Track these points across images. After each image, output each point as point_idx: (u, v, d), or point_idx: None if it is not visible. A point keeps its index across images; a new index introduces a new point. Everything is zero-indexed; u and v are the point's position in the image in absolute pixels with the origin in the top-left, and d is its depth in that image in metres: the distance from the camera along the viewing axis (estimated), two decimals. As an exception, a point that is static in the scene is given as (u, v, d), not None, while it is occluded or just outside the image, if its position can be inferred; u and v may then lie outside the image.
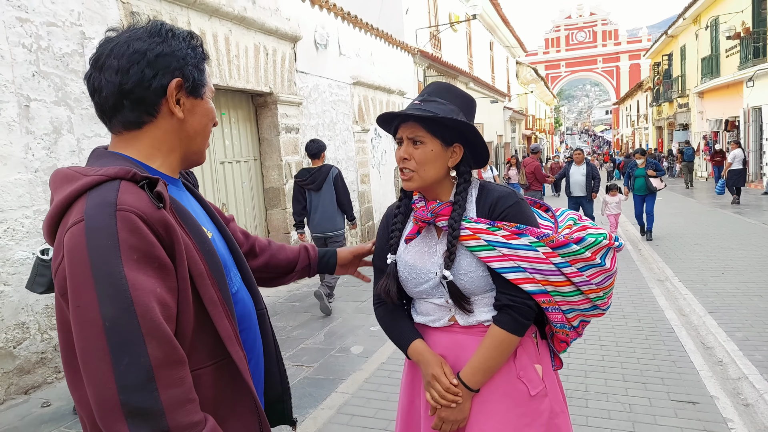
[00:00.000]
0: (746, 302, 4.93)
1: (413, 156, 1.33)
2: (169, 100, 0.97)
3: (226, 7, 5.39)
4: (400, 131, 1.37)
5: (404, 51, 10.98)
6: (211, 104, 1.07)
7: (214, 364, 0.95)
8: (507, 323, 1.32)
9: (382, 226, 1.53)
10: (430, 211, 1.37)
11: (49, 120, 3.73)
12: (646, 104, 33.10)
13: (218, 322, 0.93)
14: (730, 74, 16.42)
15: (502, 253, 1.30)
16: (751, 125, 15.30)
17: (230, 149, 6.18)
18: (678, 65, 23.68)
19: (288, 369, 3.92)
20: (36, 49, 3.65)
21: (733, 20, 15.95)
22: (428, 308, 1.43)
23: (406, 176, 1.37)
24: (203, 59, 1.05)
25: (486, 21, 20.59)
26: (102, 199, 0.84)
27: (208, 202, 1.17)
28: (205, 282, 0.92)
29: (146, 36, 0.97)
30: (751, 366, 3.53)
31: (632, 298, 5.33)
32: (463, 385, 1.34)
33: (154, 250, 0.85)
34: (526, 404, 1.36)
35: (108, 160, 0.95)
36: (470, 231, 1.32)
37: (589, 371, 3.62)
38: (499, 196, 1.37)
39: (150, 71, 0.95)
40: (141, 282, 0.81)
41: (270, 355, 1.15)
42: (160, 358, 0.81)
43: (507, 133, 24.91)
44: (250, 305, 1.12)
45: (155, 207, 0.87)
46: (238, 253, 1.16)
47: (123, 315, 0.79)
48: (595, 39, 51.47)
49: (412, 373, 1.51)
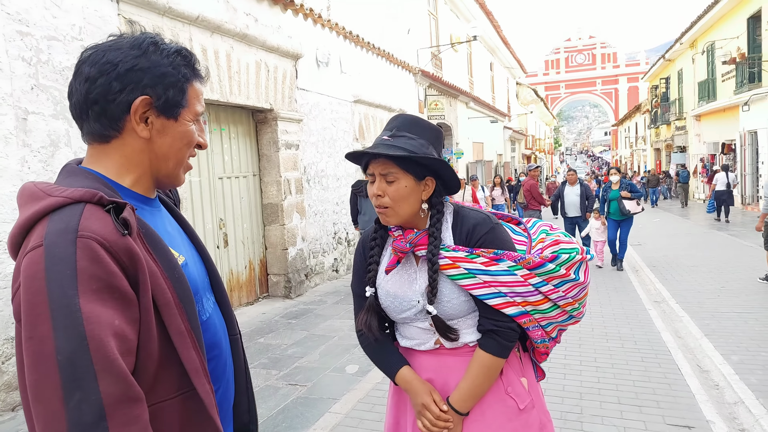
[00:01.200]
0: (742, 325, 4.91)
1: (387, 193, 1.33)
2: (132, 118, 0.93)
3: (228, 25, 5.47)
4: (372, 167, 1.35)
5: (405, 70, 11.10)
6: (189, 127, 1.00)
7: (180, 395, 0.91)
8: (492, 347, 1.35)
9: (358, 254, 1.53)
10: (408, 242, 1.37)
11: (46, 133, 3.75)
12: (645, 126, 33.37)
13: (184, 353, 0.89)
14: (726, 98, 16.59)
15: (483, 280, 1.32)
16: (747, 149, 15.41)
17: (229, 164, 6.21)
18: (675, 88, 23.94)
19: (281, 388, 3.89)
20: (36, 62, 3.68)
21: (728, 45, 16.17)
22: (413, 332, 1.44)
23: (383, 213, 1.36)
24: (187, 79, 0.98)
25: (487, 42, 20.86)
26: (64, 225, 0.80)
27: (186, 221, 1.14)
28: (171, 311, 0.89)
29: (126, 47, 0.93)
30: (747, 390, 3.50)
31: (629, 320, 5.30)
32: (453, 410, 1.35)
33: (114, 280, 0.81)
34: (517, 418, 1.38)
35: (77, 178, 0.91)
36: (450, 260, 1.33)
37: (584, 393, 3.58)
38: (474, 224, 1.37)
39: (117, 84, 0.91)
40: (97, 314, 0.77)
41: (240, 382, 1.12)
42: (114, 396, 0.77)
43: (507, 153, 25.06)
44: (221, 332, 1.08)
45: (120, 234, 0.83)
46: (215, 276, 1.13)
47: (76, 349, 0.75)
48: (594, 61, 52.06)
49: (398, 394, 1.51)
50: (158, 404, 0.88)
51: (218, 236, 5.99)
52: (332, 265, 8.04)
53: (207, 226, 5.81)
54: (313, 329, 5.36)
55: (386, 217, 1.36)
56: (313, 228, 7.49)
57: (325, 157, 7.87)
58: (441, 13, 14.93)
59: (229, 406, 1.09)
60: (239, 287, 6.35)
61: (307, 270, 7.22)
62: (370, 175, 1.36)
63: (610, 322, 5.26)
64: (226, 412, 1.08)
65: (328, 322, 5.59)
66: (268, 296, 6.84)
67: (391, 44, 10.39)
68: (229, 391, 1.09)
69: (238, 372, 1.11)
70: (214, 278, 1.13)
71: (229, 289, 6.16)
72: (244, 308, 6.26)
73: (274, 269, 6.82)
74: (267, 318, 5.85)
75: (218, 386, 1.04)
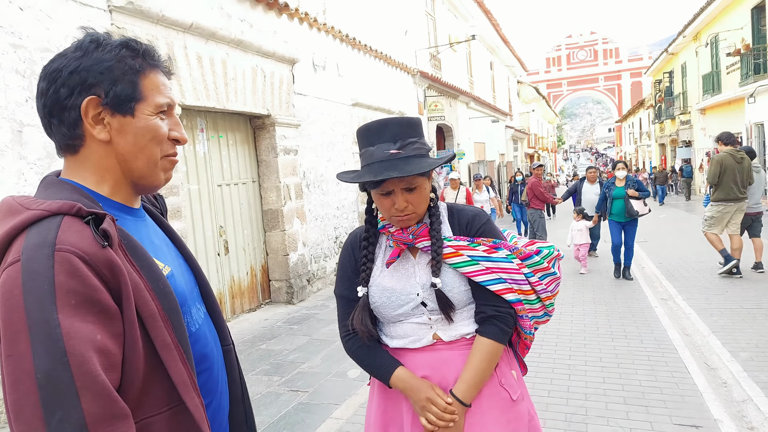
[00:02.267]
0: (750, 321, 4.82)
1: (410, 202, 1.35)
2: (84, 121, 0.90)
3: (222, 31, 5.46)
4: (390, 185, 1.31)
5: (404, 71, 11.07)
6: (152, 121, 0.94)
7: (169, 410, 0.89)
8: (494, 333, 1.38)
9: (345, 257, 1.50)
10: (411, 233, 1.39)
11: (42, 145, 3.75)
12: (649, 121, 33.16)
13: (171, 366, 0.87)
14: (731, 91, 16.44)
15: (485, 266, 1.37)
16: (753, 141, 15.25)
17: (228, 171, 6.20)
18: (679, 82, 23.76)
19: (283, 394, 3.86)
20: (30, 74, 3.68)
21: (732, 37, 16.04)
22: (406, 330, 1.42)
23: (407, 219, 1.37)
24: (136, 71, 0.93)
25: (486, 41, 20.81)
26: (41, 239, 0.78)
27: (173, 230, 1.11)
28: (157, 324, 0.86)
29: (71, 51, 0.91)
30: (756, 388, 3.43)
31: (635, 318, 5.23)
32: (458, 402, 1.34)
33: (95, 293, 0.78)
34: (510, 410, 1.41)
35: (56, 190, 0.89)
36: (453, 248, 1.38)
37: (589, 394, 3.52)
38: (473, 215, 1.46)
39: (65, 90, 0.89)
40: (77, 330, 0.75)
41: (235, 394, 1.09)
42: (96, 413, 0.74)
43: (509, 152, 24.96)
44: (213, 343, 1.05)
45: (100, 246, 0.81)
46: (205, 285, 1.10)
47: (56, 366, 0.73)
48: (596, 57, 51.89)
49: (385, 400, 1.47)
50: (146, 419, 0.86)
51: (219, 243, 5.97)
52: (334, 270, 8.01)
53: (207, 233, 5.80)
54: (315, 334, 5.33)
55: (410, 221, 1.39)
56: (314, 233, 7.47)
57: (325, 161, 7.85)
58: (438, 13, 14.89)
59: (224, 418, 1.06)
60: (241, 294, 6.33)
61: (309, 275, 7.19)
62: (387, 193, 1.33)
63: (616, 320, 5.19)
64: (221, 425, 1.05)
65: (330, 327, 5.56)
66: (271, 302, 6.81)
67: (389, 46, 10.36)
68: (224, 403, 1.06)
69: (233, 383, 1.09)
70: (204, 288, 1.10)
71: (231, 296, 6.14)
72: (246, 315, 6.24)
73: (275, 275, 6.80)
74: (269, 324, 5.83)
75: (211, 399, 1.01)
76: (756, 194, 6.87)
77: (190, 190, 5.55)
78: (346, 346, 1.48)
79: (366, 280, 1.43)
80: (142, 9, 4.45)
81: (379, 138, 1.34)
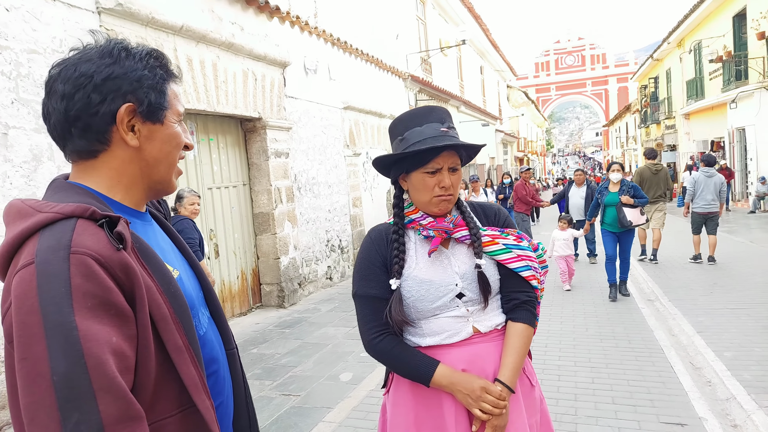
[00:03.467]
0: (735, 321, 4.92)
1: (454, 182, 1.42)
2: (119, 128, 0.91)
3: (213, 34, 5.46)
4: (441, 161, 1.40)
5: (395, 75, 11.12)
6: (176, 129, 0.99)
7: (180, 412, 0.89)
8: (527, 318, 1.45)
9: (371, 252, 1.46)
10: (450, 222, 1.44)
11: (28, 148, 3.71)
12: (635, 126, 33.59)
13: (183, 369, 0.88)
14: (713, 96, 16.73)
15: (517, 254, 1.45)
16: (735, 145, 15.53)
17: (219, 174, 6.18)
18: (664, 88, 24.13)
19: (275, 398, 3.86)
20: (16, 76, 3.65)
21: (715, 44, 16.33)
22: (442, 325, 1.40)
23: (448, 200, 1.43)
24: (164, 80, 0.96)
25: (476, 46, 20.97)
26: (55, 241, 0.78)
27: (177, 235, 1.13)
28: (169, 327, 0.87)
29: (96, 57, 0.90)
30: (739, 386, 3.50)
31: (622, 318, 5.30)
32: (506, 389, 1.37)
33: (110, 296, 0.79)
34: (529, 395, 1.48)
35: (66, 193, 0.89)
36: (489, 237, 1.46)
37: (579, 394, 3.57)
38: (497, 209, 1.58)
39: (97, 96, 0.88)
40: (94, 332, 0.75)
41: (239, 397, 1.10)
42: (113, 415, 0.75)
43: (499, 155, 25.13)
44: (218, 346, 1.06)
45: (114, 248, 0.81)
46: (209, 290, 1.11)
47: (73, 369, 0.73)
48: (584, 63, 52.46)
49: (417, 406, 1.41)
50: (159, 422, 0.86)
51: (209, 247, 5.95)
52: (326, 273, 8.01)
53: (197, 236, 5.77)
54: (307, 338, 5.33)
55: (449, 204, 1.44)
56: (305, 236, 7.46)
57: (316, 164, 7.86)
58: (429, 17, 14.99)
59: (229, 421, 1.07)
60: (232, 298, 6.31)
61: (300, 278, 7.18)
62: (435, 169, 1.40)
63: (604, 321, 5.26)
64: (227, 428, 1.06)
65: (322, 330, 5.56)
66: (262, 306, 6.79)
67: (380, 50, 10.41)
68: (229, 407, 1.07)
69: (236, 386, 1.09)
70: (208, 293, 1.11)
71: (222, 299, 6.12)
72: (237, 319, 6.21)
73: (266, 278, 6.79)
74: (260, 328, 5.81)
75: (218, 402, 1.02)
76: (707, 196, 7.46)
77: (180, 193, 5.52)
78: (377, 349, 1.41)
79: (399, 272, 1.41)
80: (131, 11, 4.44)
81: (427, 119, 1.43)
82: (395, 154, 1.44)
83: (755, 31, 13.66)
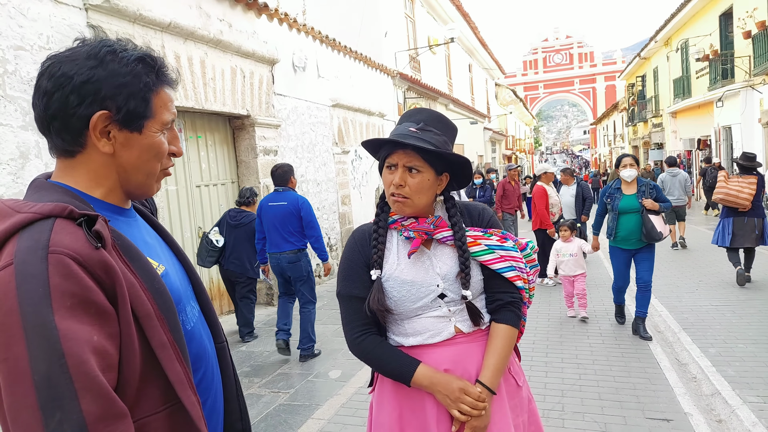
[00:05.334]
0: (719, 318, 4.99)
1: (408, 183, 1.38)
2: (91, 134, 0.89)
3: (201, 31, 5.41)
4: (396, 157, 1.38)
5: (384, 73, 11.11)
6: (156, 138, 0.96)
7: (166, 409, 0.89)
8: (511, 319, 1.44)
9: (354, 252, 1.46)
10: (432, 223, 1.42)
11: (15, 145, 3.66)
12: (622, 124, 33.91)
13: (168, 366, 0.87)
14: (700, 95, 16.93)
15: (500, 255, 1.44)
16: (722, 144, 15.74)
17: (207, 172, 6.14)
18: (651, 86, 24.37)
19: (264, 396, 3.85)
20: (2, 73, 3.59)
21: (701, 43, 16.52)
22: (425, 324, 1.40)
23: (400, 201, 1.40)
24: (150, 88, 0.94)
25: (464, 44, 21.00)
26: (33, 241, 0.78)
27: (164, 229, 1.12)
28: (152, 323, 0.86)
29: (83, 58, 0.89)
30: (723, 382, 3.56)
31: (609, 316, 5.36)
32: (487, 390, 1.36)
33: (90, 294, 0.78)
34: (516, 395, 1.47)
35: (46, 193, 0.89)
36: (471, 238, 1.44)
37: (566, 390, 3.61)
38: (482, 208, 1.55)
39: (75, 98, 0.87)
40: (74, 331, 0.75)
41: (230, 391, 1.10)
42: (96, 414, 0.74)
43: (487, 153, 25.23)
44: (207, 341, 1.06)
45: (93, 247, 0.81)
46: (198, 283, 1.11)
47: (54, 368, 0.73)
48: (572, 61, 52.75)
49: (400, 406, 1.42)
50: (144, 419, 0.86)
51: (197, 244, 5.91)
52: (314, 270, 7.98)
53: (185, 234, 5.74)
54: (295, 335, 5.31)
55: (403, 206, 1.41)
56: (294, 234, 7.42)
57: (305, 162, 7.83)
58: (418, 15, 14.99)
59: (219, 416, 1.06)
60: (220, 295, 6.28)
61: (290, 276, 7.15)
62: (392, 165, 1.40)
63: (591, 319, 5.31)
64: (216, 423, 1.05)
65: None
66: (251, 304, 6.75)
67: (369, 48, 10.39)
68: (219, 401, 1.06)
69: (227, 380, 1.09)
70: (197, 286, 1.10)
71: (210, 297, 6.06)
72: (225, 316, 6.18)
73: (255, 276, 6.74)
74: (249, 326, 5.79)
75: (206, 397, 1.02)
76: (674, 192, 8.93)
77: (167, 191, 5.48)
78: (359, 348, 1.42)
79: (379, 263, 1.41)
80: (119, 7, 4.38)
81: (408, 119, 1.45)
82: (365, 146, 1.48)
83: (741, 30, 13.83)
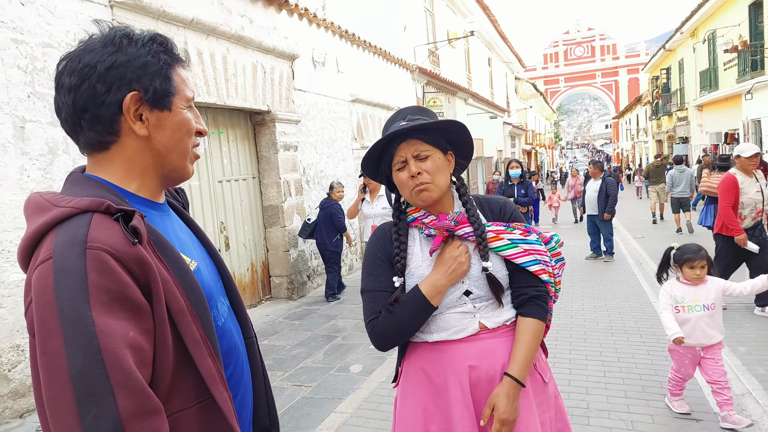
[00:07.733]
0: (749, 315, 4.87)
1: (424, 169, 1.38)
2: (126, 117, 0.89)
3: (223, 27, 5.45)
4: (402, 152, 1.39)
5: (403, 68, 11.06)
6: (185, 115, 0.96)
7: (198, 404, 0.89)
8: (538, 312, 1.42)
9: (377, 248, 1.47)
10: (453, 219, 1.41)
11: (44, 141, 3.74)
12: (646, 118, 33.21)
13: (200, 361, 0.87)
14: (728, 87, 16.47)
15: (523, 248, 1.42)
16: (750, 137, 15.30)
17: (228, 168, 6.20)
18: (676, 79, 23.80)
19: (287, 389, 3.89)
20: (32, 70, 3.67)
21: (730, 33, 16.06)
22: (449, 321, 1.41)
23: (424, 188, 1.39)
24: (169, 65, 0.94)
25: (484, 37, 20.79)
26: (71, 236, 0.78)
27: (196, 224, 1.12)
28: (185, 319, 0.87)
29: (99, 47, 0.89)
30: (754, 381, 3.47)
31: (633, 313, 5.27)
32: (516, 383, 1.35)
33: (126, 290, 0.79)
34: (542, 392, 1.46)
35: (82, 187, 0.89)
36: (494, 233, 1.43)
37: (590, 388, 3.56)
38: (504, 202, 1.54)
39: (102, 86, 0.87)
40: (111, 327, 0.76)
41: (258, 385, 1.10)
42: (131, 410, 0.75)
43: (507, 148, 25.00)
44: (237, 336, 1.07)
45: (129, 243, 0.81)
46: (228, 278, 1.11)
47: (90, 364, 0.73)
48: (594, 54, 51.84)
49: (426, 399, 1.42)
50: (176, 414, 0.86)
51: (220, 239, 5.98)
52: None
53: (208, 229, 5.80)
54: (316, 329, 5.36)
55: (428, 192, 1.40)
56: (314, 229, 7.46)
57: (325, 157, 7.85)
58: (437, 9, 14.87)
59: (248, 411, 1.07)
60: (242, 290, 6.34)
61: (309, 271, 7.21)
62: (401, 163, 1.40)
63: (615, 315, 5.23)
64: (246, 418, 1.06)
65: (332, 322, 5.58)
66: (271, 298, 6.83)
67: (388, 42, 10.35)
68: (248, 396, 1.07)
69: (255, 375, 1.10)
70: (227, 282, 1.11)
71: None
72: (247, 310, 6.25)
73: (276, 271, 6.82)
74: (270, 320, 5.85)
75: (237, 392, 1.03)
76: (681, 186, 10.50)
77: (191, 186, 5.55)
78: (377, 329, 1.39)
79: (401, 270, 1.41)
80: (143, 4, 4.44)
81: (394, 120, 1.48)
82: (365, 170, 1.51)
83: (772, 20, 13.41)
